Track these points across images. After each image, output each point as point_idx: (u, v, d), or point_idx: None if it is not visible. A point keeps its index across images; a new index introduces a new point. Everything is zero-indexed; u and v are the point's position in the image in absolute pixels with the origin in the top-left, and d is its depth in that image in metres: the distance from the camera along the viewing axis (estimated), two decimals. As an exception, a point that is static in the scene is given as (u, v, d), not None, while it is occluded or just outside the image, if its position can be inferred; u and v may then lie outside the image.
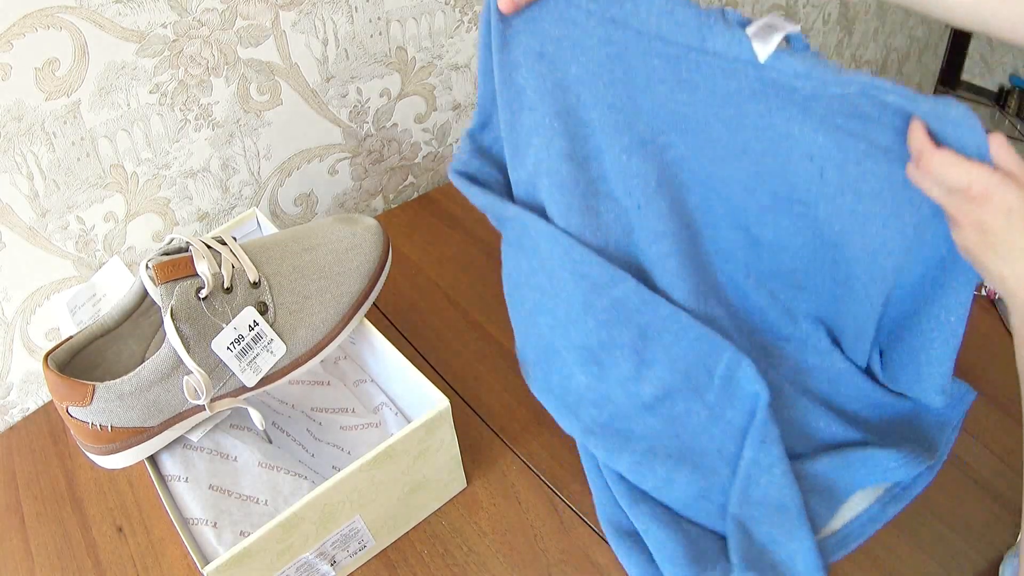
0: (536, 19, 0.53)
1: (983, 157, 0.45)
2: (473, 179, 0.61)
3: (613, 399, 0.61)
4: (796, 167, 0.54)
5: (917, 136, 0.47)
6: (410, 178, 1.01)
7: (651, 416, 0.60)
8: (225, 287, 0.55)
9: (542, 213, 0.58)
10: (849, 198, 0.53)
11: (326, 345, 0.60)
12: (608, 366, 0.59)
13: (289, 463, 0.61)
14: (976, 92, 2.04)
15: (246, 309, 0.55)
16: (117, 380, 0.52)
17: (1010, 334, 0.74)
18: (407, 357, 0.61)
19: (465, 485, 0.66)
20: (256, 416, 0.57)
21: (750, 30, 0.49)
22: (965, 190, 0.46)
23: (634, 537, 0.60)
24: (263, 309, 0.56)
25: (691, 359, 0.59)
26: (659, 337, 0.58)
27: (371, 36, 0.84)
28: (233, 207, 0.85)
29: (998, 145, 0.45)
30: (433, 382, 0.59)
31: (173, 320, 0.52)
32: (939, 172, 0.46)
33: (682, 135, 0.56)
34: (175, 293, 0.52)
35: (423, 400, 0.60)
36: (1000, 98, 2.04)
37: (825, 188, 0.54)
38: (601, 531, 0.62)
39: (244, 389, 0.58)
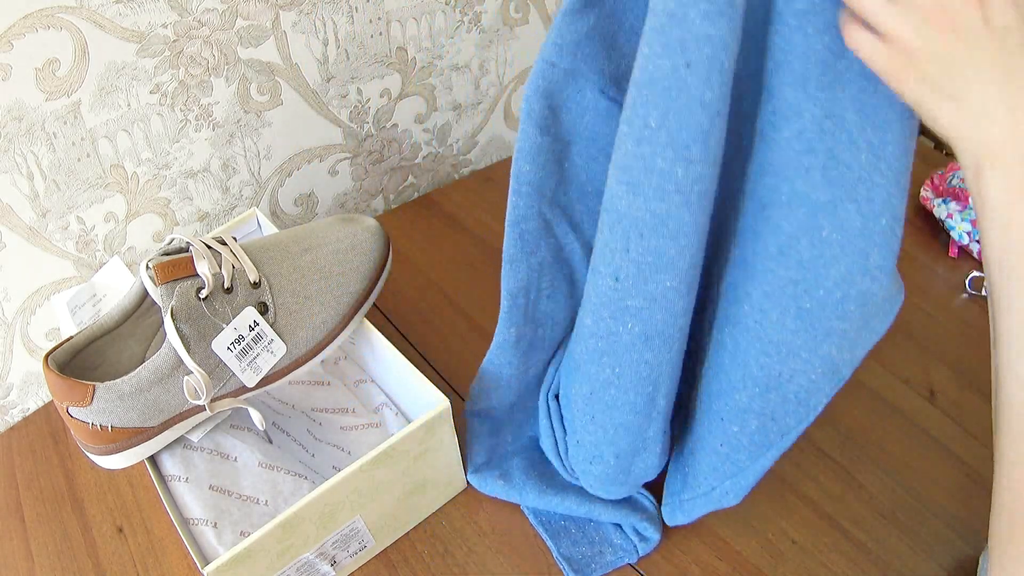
0: None
1: None
2: None
3: None
4: None
5: None
6: (410, 178, 1.01)
7: None
8: (225, 287, 0.55)
9: None
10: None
11: (326, 345, 0.60)
12: None
13: (289, 463, 0.61)
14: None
15: (246, 309, 0.55)
16: (117, 380, 0.52)
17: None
18: (407, 357, 0.61)
19: (465, 485, 0.66)
20: (256, 416, 0.57)
21: None
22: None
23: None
24: (263, 309, 0.56)
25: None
26: None
27: (371, 36, 0.84)
28: (233, 207, 0.85)
29: None
30: (433, 382, 0.59)
31: (173, 320, 0.52)
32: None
33: None
34: (175, 293, 0.52)
35: (423, 400, 0.60)
36: (1000, 98, 2.04)
37: None
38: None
39: (244, 389, 0.58)
